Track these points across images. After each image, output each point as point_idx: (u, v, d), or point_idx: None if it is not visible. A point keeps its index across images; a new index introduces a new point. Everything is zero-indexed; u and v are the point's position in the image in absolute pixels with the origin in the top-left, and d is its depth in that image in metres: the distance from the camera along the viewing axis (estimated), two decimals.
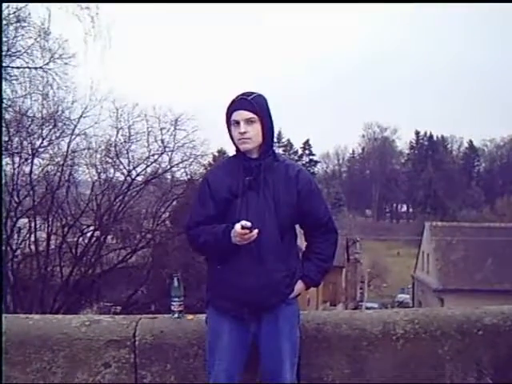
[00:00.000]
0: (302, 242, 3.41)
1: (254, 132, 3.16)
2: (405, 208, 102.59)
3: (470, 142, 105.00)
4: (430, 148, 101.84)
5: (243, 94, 3.19)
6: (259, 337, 3.23)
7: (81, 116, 17.12)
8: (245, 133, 3.14)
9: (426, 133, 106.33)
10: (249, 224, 3.00)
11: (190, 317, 3.66)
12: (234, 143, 3.23)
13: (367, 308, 39.63)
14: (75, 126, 17.15)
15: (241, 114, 3.15)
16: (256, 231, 3.02)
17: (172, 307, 3.67)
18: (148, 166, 18.36)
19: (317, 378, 3.57)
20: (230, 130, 3.23)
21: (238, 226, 3.01)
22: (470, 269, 32.83)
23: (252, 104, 3.15)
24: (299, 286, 3.29)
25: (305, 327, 3.55)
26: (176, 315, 3.66)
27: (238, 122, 3.15)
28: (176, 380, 3.54)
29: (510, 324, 3.64)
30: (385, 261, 59.99)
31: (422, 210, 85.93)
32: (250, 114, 3.14)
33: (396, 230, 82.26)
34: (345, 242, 43.75)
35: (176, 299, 3.67)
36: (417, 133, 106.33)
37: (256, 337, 3.24)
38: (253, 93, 3.21)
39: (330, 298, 42.65)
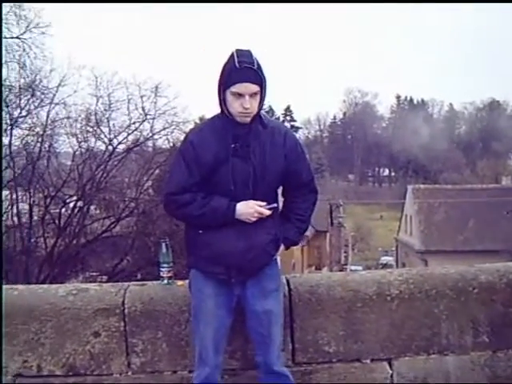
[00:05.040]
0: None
1: (256, 105, 3.00)
2: (387, 172, 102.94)
3: (450, 105, 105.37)
4: (410, 112, 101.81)
5: (245, 60, 2.92)
6: (245, 299, 3.20)
7: (59, 85, 16.83)
8: (249, 107, 2.97)
9: (406, 97, 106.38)
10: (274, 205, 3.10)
11: (180, 283, 3.59)
12: (227, 110, 3.02)
13: (351, 271, 39.94)
14: (54, 95, 16.87)
15: (247, 88, 2.94)
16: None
17: (161, 273, 3.60)
18: (129, 135, 18.13)
19: (311, 340, 3.54)
20: (223, 95, 3.01)
21: (256, 206, 3.04)
22: (452, 230, 33.16)
23: (258, 75, 2.95)
24: (280, 247, 3.29)
25: (298, 290, 3.53)
26: (165, 281, 3.59)
27: (241, 95, 2.95)
28: (168, 347, 3.49)
29: (505, 281, 3.61)
30: (368, 224, 60.46)
31: (403, 174, 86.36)
32: (256, 88, 2.96)
33: (378, 193, 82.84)
34: (328, 207, 43.80)
35: (165, 265, 3.59)
36: (397, 97, 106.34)
37: (241, 299, 3.21)
38: (250, 55, 2.96)
39: (315, 262, 42.88)
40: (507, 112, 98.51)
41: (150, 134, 18.41)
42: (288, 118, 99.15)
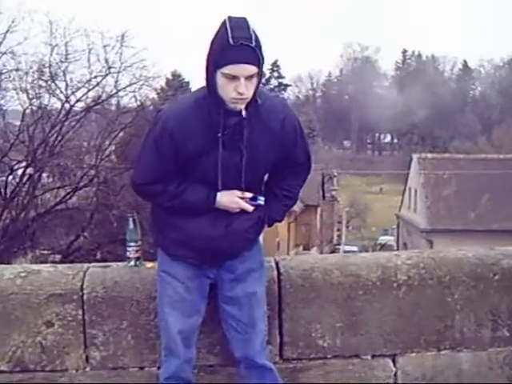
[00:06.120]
0: None
1: (252, 88, 2.90)
2: (388, 138, 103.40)
3: (465, 62, 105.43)
4: (418, 69, 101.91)
5: (241, 36, 2.77)
6: (221, 283, 3.22)
7: (7, 31, 16.70)
8: (244, 93, 2.86)
9: (413, 52, 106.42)
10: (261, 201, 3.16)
11: (149, 264, 3.59)
12: (216, 92, 2.91)
13: (345, 252, 40.35)
14: (0, 43, 16.61)
15: (243, 70, 2.82)
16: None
17: (127, 253, 3.61)
18: (90, 91, 18.03)
19: (303, 333, 3.55)
20: (213, 76, 2.88)
21: (241, 202, 3.07)
22: (463, 206, 33.39)
23: (257, 55, 2.82)
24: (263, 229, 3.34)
25: (288, 274, 3.54)
26: (132, 263, 3.60)
27: (235, 77, 2.83)
28: (134, 340, 3.49)
29: None
30: (365, 198, 60.80)
31: (408, 141, 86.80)
32: (254, 70, 2.85)
33: (378, 163, 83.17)
34: (320, 178, 43.96)
35: (132, 244, 3.61)
36: (404, 52, 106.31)
37: (216, 283, 3.23)
38: (247, 27, 2.82)
39: (303, 241, 43.17)
40: None
41: (114, 91, 18.34)
42: (275, 74, 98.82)
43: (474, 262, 3.62)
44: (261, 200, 3.15)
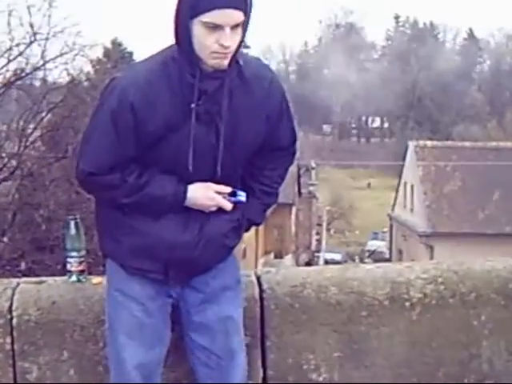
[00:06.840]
0: None
1: (237, 41, 2.85)
2: (378, 122, 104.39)
3: (470, 31, 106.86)
4: (413, 39, 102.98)
5: None
6: (188, 304, 3.19)
7: None
8: (229, 46, 2.80)
9: (408, 18, 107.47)
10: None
11: (96, 280, 3.59)
12: (191, 47, 2.84)
13: (326, 261, 40.62)
14: None
15: (229, 16, 2.76)
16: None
17: (68, 265, 3.60)
18: (10, 62, 17.90)
19: (292, 365, 3.56)
20: (187, 26, 2.81)
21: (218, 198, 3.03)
22: (470, 205, 33.89)
23: None
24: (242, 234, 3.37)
25: (274, 292, 3.57)
26: (74, 278, 3.57)
27: (218, 27, 2.77)
28: (77, 375, 3.48)
29: None
30: (350, 195, 61.40)
31: (402, 126, 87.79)
32: (241, 17, 2.80)
33: (366, 152, 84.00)
34: (295, 171, 44.14)
35: (74, 254, 3.60)
36: (396, 17, 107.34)
37: (181, 304, 3.20)
38: None
39: (275, 247, 43.30)
40: None
41: (41, 62, 18.20)
42: None
43: (505, 275, 3.63)
44: (241, 196, 3.12)
